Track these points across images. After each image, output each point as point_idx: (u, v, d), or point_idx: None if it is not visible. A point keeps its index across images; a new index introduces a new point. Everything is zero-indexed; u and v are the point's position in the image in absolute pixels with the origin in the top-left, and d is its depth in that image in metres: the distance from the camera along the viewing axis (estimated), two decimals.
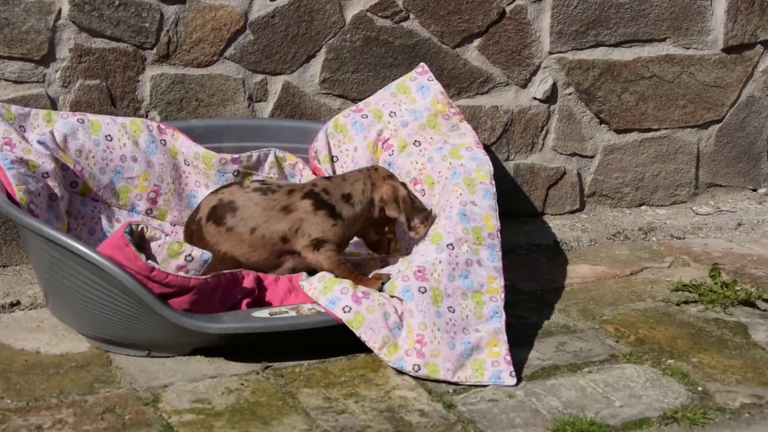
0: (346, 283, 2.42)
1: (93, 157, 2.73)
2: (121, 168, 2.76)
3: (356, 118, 2.94)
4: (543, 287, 2.90)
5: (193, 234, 2.61)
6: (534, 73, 3.33)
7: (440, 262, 2.45)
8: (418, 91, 2.93)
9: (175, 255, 2.37)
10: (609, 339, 2.57)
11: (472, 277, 2.46)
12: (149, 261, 2.30)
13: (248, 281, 2.49)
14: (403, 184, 2.68)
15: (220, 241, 2.57)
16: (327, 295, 2.40)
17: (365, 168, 2.74)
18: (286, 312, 2.37)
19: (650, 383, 2.34)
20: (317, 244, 2.56)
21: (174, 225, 2.83)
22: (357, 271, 2.58)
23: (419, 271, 2.43)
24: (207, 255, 2.41)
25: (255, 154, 2.87)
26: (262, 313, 2.36)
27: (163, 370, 2.33)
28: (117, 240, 2.30)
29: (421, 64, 3.02)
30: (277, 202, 2.60)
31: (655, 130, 3.50)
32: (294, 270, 2.59)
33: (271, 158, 2.89)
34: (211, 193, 2.67)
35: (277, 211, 2.59)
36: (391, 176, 2.69)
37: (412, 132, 2.86)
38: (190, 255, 2.38)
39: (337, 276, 2.51)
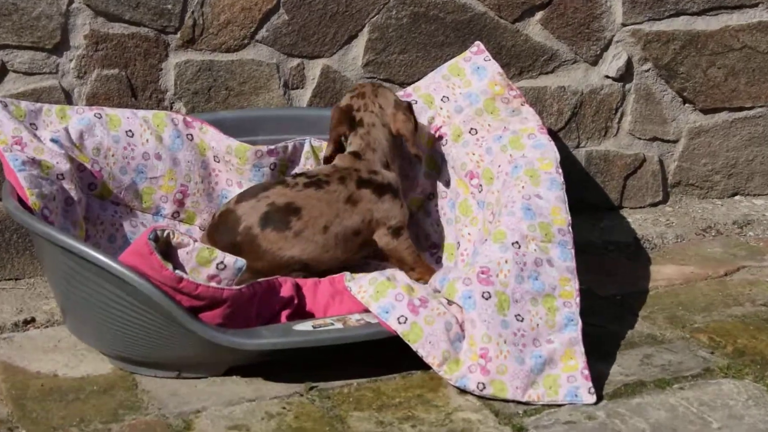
0: (401, 288, 2.40)
1: (112, 155, 2.73)
2: (144, 167, 2.76)
3: None
4: (623, 291, 2.86)
5: (240, 246, 2.58)
6: (605, 48, 3.28)
7: (506, 262, 2.42)
8: (473, 72, 2.91)
9: (206, 263, 2.35)
10: (702, 350, 2.51)
11: (542, 279, 2.42)
12: (177, 270, 2.28)
13: (286, 289, 2.47)
14: (407, 105, 2.78)
15: (285, 247, 2.59)
16: (379, 301, 2.38)
17: (361, 91, 2.80)
18: (332, 324, 2.35)
19: (753, 401, 2.27)
20: (395, 232, 2.66)
21: (204, 229, 2.81)
22: (427, 263, 2.69)
23: (483, 273, 2.39)
24: (241, 262, 2.38)
25: (290, 144, 2.87)
26: (305, 326, 2.35)
27: (195, 392, 2.31)
28: (140, 248, 2.29)
29: (477, 42, 2.99)
30: (338, 193, 2.65)
31: (749, 108, 3.44)
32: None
33: (306, 148, 2.88)
34: (242, 199, 2.62)
35: (343, 203, 2.65)
36: (398, 104, 2.78)
37: (467, 118, 2.84)
38: (222, 263, 2.35)
39: (412, 268, 2.63)
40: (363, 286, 2.43)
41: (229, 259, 2.37)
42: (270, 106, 3.04)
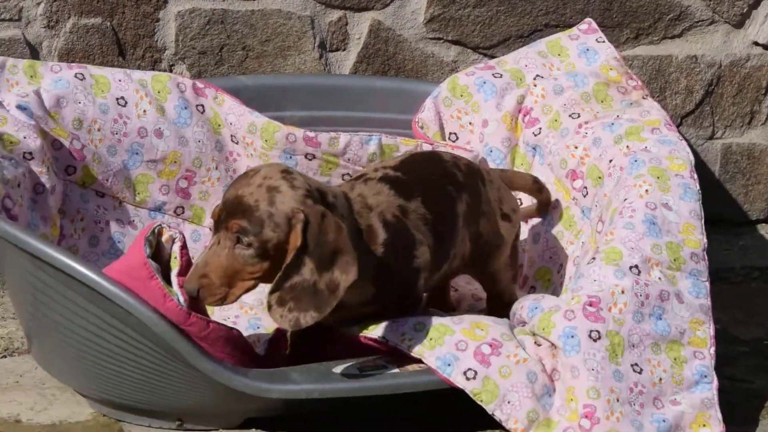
0: (462, 333, 2.38)
1: (98, 130, 2.75)
2: (140, 146, 2.78)
3: (485, 77, 2.95)
4: None
5: None
6: (755, 3, 3.29)
7: (622, 292, 2.41)
8: (580, 54, 2.96)
9: None
10: None
11: (668, 319, 2.42)
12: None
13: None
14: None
15: None
16: (436, 350, 2.37)
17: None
18: (384, 367, 2.37)
19: None
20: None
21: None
22: None
23: (591, 305, 2.39)
24: None
25: (343, 138, 2.85)
26: (349, 368, 2.37)
27: None
28: (136, 269, 2.30)
29: (588, 19, 3.04)
30: None
31: None
32: None
33: (372, 147, 2.87)
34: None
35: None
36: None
37: (569, 102, 2.87)
38: None
39: None
40: (406, 333, 2.42)
41: None
42: (301, 73, 3.07)
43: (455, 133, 2.94)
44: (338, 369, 2.35)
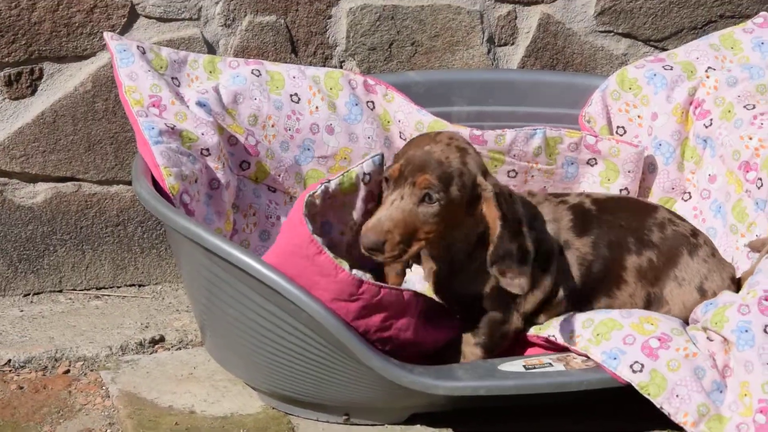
0: (631, 328, 2.37)
1: (272, 126, 2.77)
2: (311, 143, 2.79)
3: (655, 70, 2.91)
4: None
5: None
6: None
7: None
8: (755, 48, 2.93)
9: None
10: None
11: None
12: (354, 271, 2.30)
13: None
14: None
15: None
16: (602, 345, 2.37)
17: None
18: (549, 364, 2.36)
19: None
20: None
21: None
22: None
23: (767, 299, 2.35)
24: None
25: (509, 135, 2.82)
26: (513, 365, 2.36)
27: None
28: (302, 247, 2.30)
29: (763, 13, 2.99)
30: None
31: None
32: None
33: (537, 141, 2.83)
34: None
35: None
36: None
37: (743, 93, 2.83)
38: None
39: None
40: (574, 331, 2.42)
41: None
42: (470, 68, 3.06)
43: (623, 127, 2.92)
44: (504, 366, 2.35)
